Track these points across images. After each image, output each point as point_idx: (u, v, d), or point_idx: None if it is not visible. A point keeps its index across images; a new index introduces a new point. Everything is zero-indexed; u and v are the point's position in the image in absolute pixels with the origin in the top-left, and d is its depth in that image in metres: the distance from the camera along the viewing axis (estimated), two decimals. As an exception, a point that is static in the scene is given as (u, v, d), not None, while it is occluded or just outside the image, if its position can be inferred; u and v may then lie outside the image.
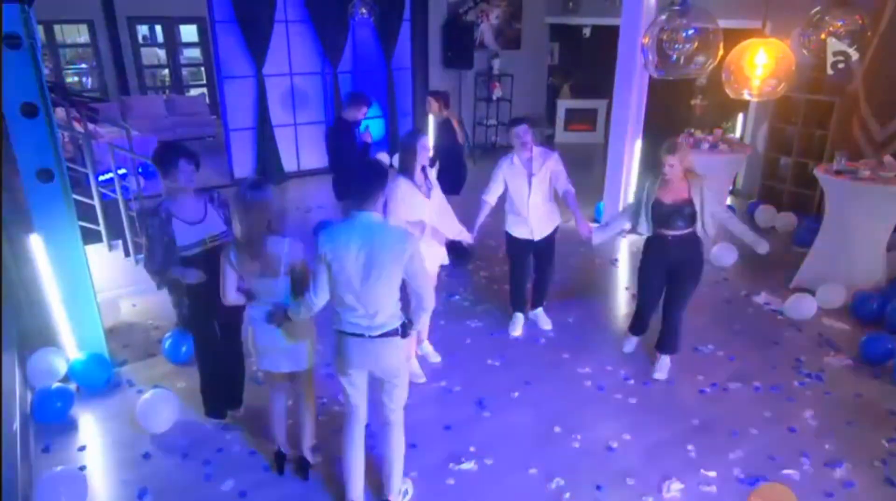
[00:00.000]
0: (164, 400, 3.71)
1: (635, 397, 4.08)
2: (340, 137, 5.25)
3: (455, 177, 5.81)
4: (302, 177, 8.95)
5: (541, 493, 3.28)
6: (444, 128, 5.96)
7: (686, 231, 3.97)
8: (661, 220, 3.98)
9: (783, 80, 3.42)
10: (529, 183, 4.31)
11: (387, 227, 2.77)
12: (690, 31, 3.38)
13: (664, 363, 4.31)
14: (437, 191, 3.94)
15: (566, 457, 3.53)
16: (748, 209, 7.52)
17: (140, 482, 3.32)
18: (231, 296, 3.03)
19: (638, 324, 4.49)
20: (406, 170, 3.76)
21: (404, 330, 2.83)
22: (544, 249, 4.58)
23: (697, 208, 3.89)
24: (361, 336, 2.77)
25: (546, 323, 4.89)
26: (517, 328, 4.82)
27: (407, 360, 3.06)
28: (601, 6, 9.62)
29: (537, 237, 4.46)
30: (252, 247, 2.87)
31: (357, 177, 2.72)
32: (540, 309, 4.93)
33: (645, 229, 4.08)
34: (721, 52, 3.49)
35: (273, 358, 3.13)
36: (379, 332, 2.76)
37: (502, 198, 4.48)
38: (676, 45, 3.42)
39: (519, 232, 4.48)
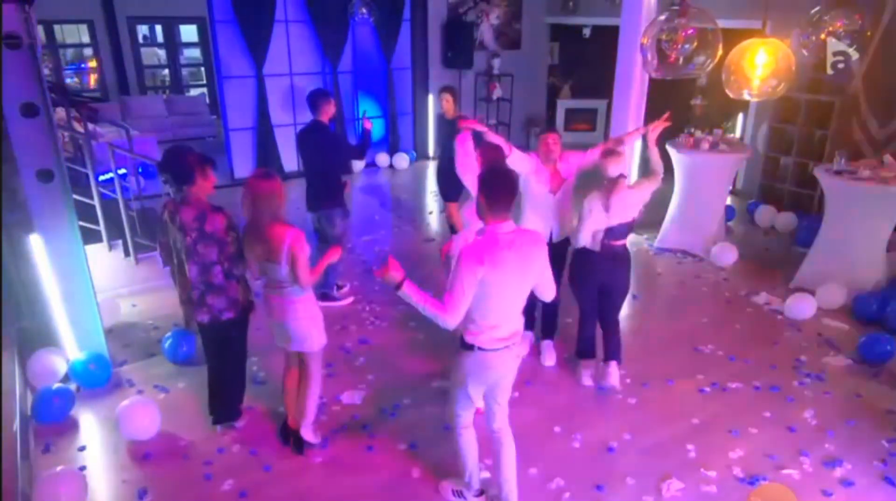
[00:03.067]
0: (143, 409, 3.63)
1: (635, 397, 4.08)
2: (323, 139, 4.87)
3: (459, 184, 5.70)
4: (302, 177, 8.92)
5: (541, 493, 3.28)
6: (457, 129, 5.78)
7: (623, 241, 3.88)
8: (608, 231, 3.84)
9: (783, 80, 3.42)
10: (552, 188, 4.11)
11: (529, 233, 2.74)
12: (689, 31, 3.38)
13: (615, 369, 4.11)
14: None
15: (566, 457, 3.53)
16: (748, 209, 7.53)
17: (140, 482, 3.32)
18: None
19: (590, 347, 4.27)
20: None
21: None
22: (558, 252, 4.11)
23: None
24: (508, 348, 2.75)
25: (551, 359, 4.45)
26: (547, 358, 4.48)
27: None
28: (601, 6, 9.61)
29: (556, 238, 4.18)
30: (256, 232, 3.08)
31: (493, 184, 2.59)
32: (549, 341, 4.54)
33: (582, 241, 3.87)
34: (720, 52, 3.49)
35: (281, 337, 3.35)
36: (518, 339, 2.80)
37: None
38: (675, 45, 3.42)
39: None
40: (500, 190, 2.56)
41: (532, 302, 4.40)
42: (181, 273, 3.41)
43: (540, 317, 4.56)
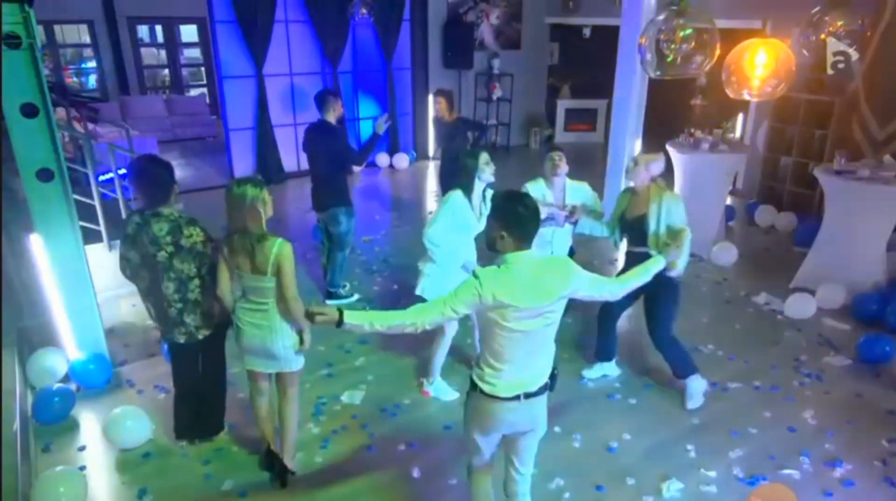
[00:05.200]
0: (132, 418, 3.57)
1: (635, 397, 4.08)
2: (330, 139, 4.84)
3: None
4: (302, 176, 8.95)
5: (541, 493, 3.27)
6: (457, 129, 5.85)
7: (645, 249, 3.66)
8: (627, 236, 3.86)
9: (783, 80, 3.43)
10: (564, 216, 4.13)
11: (553, 262, 2.40)
12: (687, 31, 3.39)
13: (690, 389, 3.93)
14: None
15: (566, 457, 3.53)
16: (748, 209, 7.53)
17: (140, 482, 3.32)
18: (227, 292, 3.03)
19: (598, 348, 4.24)
20: (465, 187, 3.69)
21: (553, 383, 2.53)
22: None
23: (651, 224, 3.63)
24: (519, 399, 2.38)
25: None
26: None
27: None
28: (601, 6, 9.62)
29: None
30: (239, 243, 2.88)
31: (516, 214, 2.25)
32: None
33: (616, 243, 3.94)
34: (718, 52, 3.49)
35: (260, 360, 3.10)
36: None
37: None
38: (673, 46, 3.42)
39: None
40: (524, 221, 2.24)
41: None
42: (154, 289, 3.21)
43: None
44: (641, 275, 2.72)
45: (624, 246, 4.01)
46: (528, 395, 2.38)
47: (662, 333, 3.88)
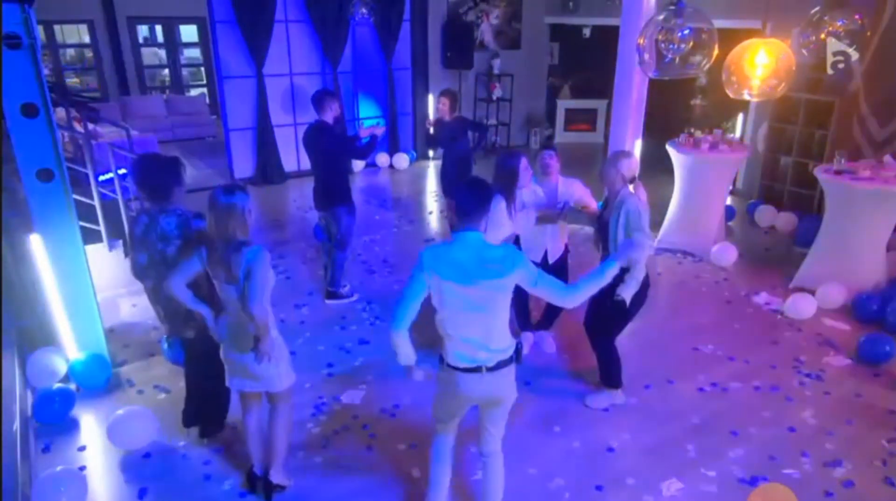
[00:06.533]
0: (138, 419, 3.55)
1: (635, 397, 4.08)
2: (328, 139, 4.86)
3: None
4: (302, 177, 8.96)
5: (541, 493, 3.28)
6: (458, 130, 5.87)
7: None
8: (599, 237, 3.84)
9: (783, 80, 3.43)
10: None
11: (496, 247, 2.56)
12: (686, 32, 3.38)
13: (602, 395, 3.97)
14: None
15: (566, 457, 3.53)
16: (748, 209, 7.53)
17: (140, 482, 3.33)
18: (177, 289, 2.91)
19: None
20: (505, 191, 3.85)
21: (518, 356, 2.69)
22: (558, 272, 4.10)
23: (611, 230, 3.56)
24: (479, 372, 2.58)
25: (550, 347, 4.60)
26: (524, 347, 4.63)
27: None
28: (601, 6, 9.62)
29: (552, 259, 4.27)
30: (214, 250, 2.81)
31: (464, 193, 2.52)
32: (545, 332, 4.65)
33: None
34: (716, 53, 3.49)
35: (240, 379, 3.03)
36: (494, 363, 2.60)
37: None
38: (672, 46, 3.42)
39: (534, 255, 4.19)
40: (470, 201, 2.48)
41: (525, 300, 4.47)
42: (160, 289, 3.13)
43: (543, 311, 4.61)
44: (596, 280, 2.65)
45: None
46: (489, 369, 2.58)
47: (603, 338, 3.87)
